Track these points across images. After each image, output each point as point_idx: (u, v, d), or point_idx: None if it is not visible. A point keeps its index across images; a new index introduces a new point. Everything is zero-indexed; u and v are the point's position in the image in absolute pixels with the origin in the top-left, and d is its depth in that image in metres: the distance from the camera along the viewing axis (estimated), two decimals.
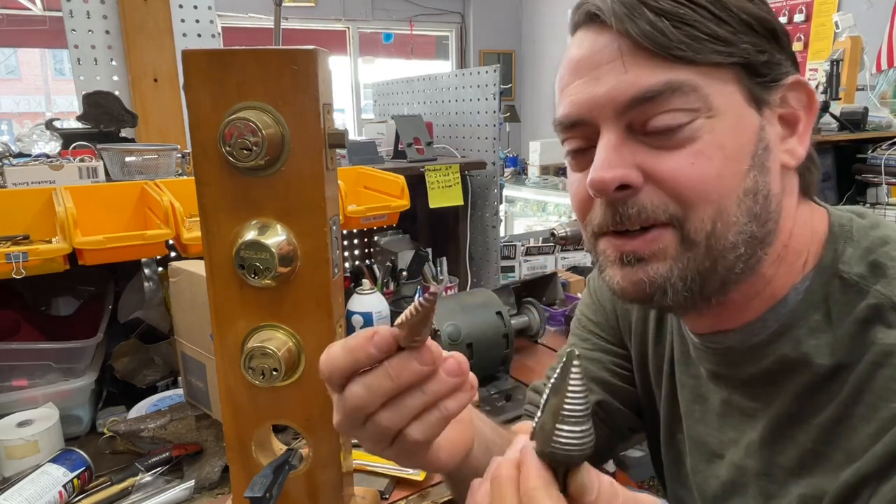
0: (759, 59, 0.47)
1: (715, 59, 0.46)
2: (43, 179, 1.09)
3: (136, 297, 1.21)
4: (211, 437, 0.91)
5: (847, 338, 0.48)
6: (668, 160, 0.47)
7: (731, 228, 0.47)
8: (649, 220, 0.48)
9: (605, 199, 0.49)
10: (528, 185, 4.18)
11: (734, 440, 0.58)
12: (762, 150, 0.48)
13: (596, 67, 0.48)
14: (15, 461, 0.87)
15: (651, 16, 0.45)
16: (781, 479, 0.53)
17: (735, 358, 0.55)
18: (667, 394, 0.68)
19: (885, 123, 2.33)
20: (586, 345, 0.77)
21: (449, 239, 1.76)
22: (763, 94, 0.48)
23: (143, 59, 1.61)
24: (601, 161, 0.48)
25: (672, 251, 0.48)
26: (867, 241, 0.50)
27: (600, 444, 0.72)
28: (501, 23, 6.38)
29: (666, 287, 0.49)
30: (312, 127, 0.54)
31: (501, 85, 1.65)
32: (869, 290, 0.48)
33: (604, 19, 0.47)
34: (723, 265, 0.48)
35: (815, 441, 0.49)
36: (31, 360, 0.98)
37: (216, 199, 0.57)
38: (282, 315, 0.59)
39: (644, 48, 0.46)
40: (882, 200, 2.15)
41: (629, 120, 0.48)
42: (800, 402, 0.51)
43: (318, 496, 0.65)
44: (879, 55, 3.30)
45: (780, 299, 0.52)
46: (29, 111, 8.53)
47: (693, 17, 0.45)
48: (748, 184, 0.47)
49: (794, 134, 0.51)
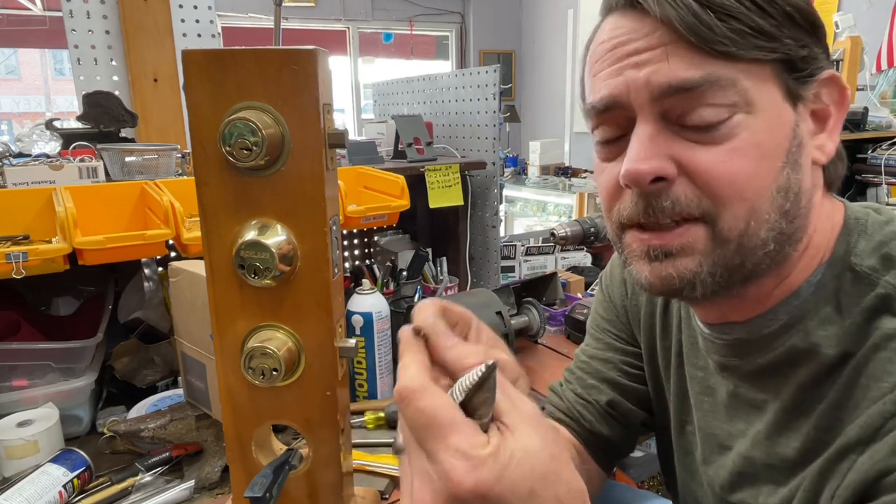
0: (800, 53, 0.46)
1: (757, 55, 0.45)
2: (43, 179, 1.09)
3: (136, 297, 1.21)
4: (211, 437, 0.91)
5: (854, 327, 0.48)
6: (704, 154, 0.46)
7: (762, 226, 0.47)
8: (682, 214, 0.47)
9: (637, 191, 0.48)
10: (528, 185, 4.19)
11: (742, 431, 0.58)
12: (796, 147, 0.48)
13: (636, 53, 0.47)
14: (15, 461, 0.87)
15: (696, 6, 0.44)
16: (787, 469, 0.53)
17: (744, 349, 0.55)
18: (676, 386, 0.68)
19: (885, 123, 2.33)
20: (599, 345, 0.79)
21: (449, 239, 1.76)
22: (799, 89, 0.48)
23: (143, 59, 1.61)
24: (637, 152, 0.47)
25: (701, 246, 0.48)
26: (881, 235, 0.50)
27: (616, 440, 0.74)
28: (501, 23, 6.38)
29: (695, 282, 0.49)
30: (312, 127, 0.54)
31: (501, 85, 1.65)
32: (879, 282, 0.48)
33: (645, 7, 0.46)
34: (751, 261, 0.48)
35: (817, 429, 0.50)
36: (31, 360, 0.98)
37: (216, 199, 0.57)
38: (282, 315, 0.59)
39: (686, 39, 0.44)
40: (882, 200, 2.15)
41: (665, 109, 0.47)
42: (805, 392, 0.51)
43: (318, 496, 0.65)
44: (879, 55, 3.30)
45: (793, 292, 0.52)
46: (29, 111, 8.54)
47: (738, 9, 0.44)
48: (781, 181, 0.47)
49: (824, 130, 0.51)
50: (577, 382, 0.78)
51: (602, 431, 0.74)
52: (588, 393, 0.76)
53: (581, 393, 0.77)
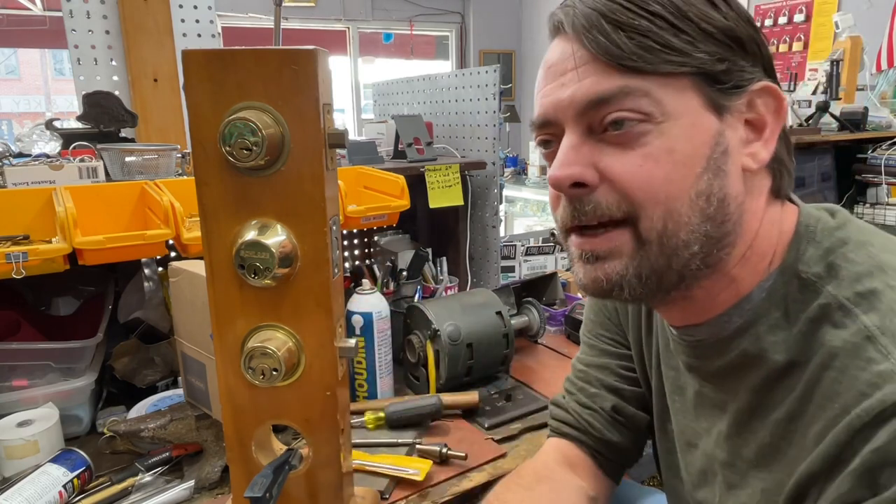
0: (718, 67, 0.49)
1: (666, 68, 0.48)
2: (43, 179, 1.09)
3: (136, 297, 1.21)
4: (211, 437, 0.91)
5: (800, 335, 0.49)
6: (620, 161, 0.49)
7: (682, 228, 0.49)
8: (604, 217, 0.51)
9: (566, 197, 0.53)
10: (528, 185, 4.18)
11: (707, 430, 0.60)
12: (719, 154, 0.50)
13: (562, 74, 0.52)
14: (15, 461, 0.87)
15: (608, 28, 0.48)
16: (743, 470, 0.55)
17: (705, 351, 0.57)
18: (657, 386, 0.70)
19: (885, 123, 2.33)
20: (593, 352, 0.80)
21: (449, 239, 1.76)
22: (724, 100, 0.50)
23: (143, 59, 1.61)
24: (559, 160, 0.52)
25: (627, 249, 0.51)
26: (828, 242, 0.51)
27: (626, 445, 0.75)
28: (501, 23, 6.38)
29: (622, 283, 0.51)
30: (312, 127, 0.54)
31: (501, 85, 1.65)
32: (822, 291, 0.49)
33: (566, 32, 0.51)
34: (677, 262, 0.51)
35: (773, 435, 0.51)
36: (31, 360, 0.98)
37: (216, 199, 0.57)
38: (282, 315, 0.59)
39: (600, 58, 0.49)
40: (882, 200, 2.15)
41: (589, 122, 0.51)
42: (758, 396, 0.53)
43: (318, 496, 0.65)
44: (879, 55, 3.30)
45: (745, 296, 0.53)
46: (29, 111, 8.54)
47: (648, 27, 0.47)
48: (701, 186, 0.49)
49: (759, 138, 0.52)
50: (580, 393, 0.79)
51: (612, 439, 0.75)
52: (592, 401, 0.77)
53: (585, 402, 0.77)
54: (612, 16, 0.48)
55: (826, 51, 3.50)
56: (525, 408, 1.05)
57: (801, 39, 4.19)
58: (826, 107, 2.15)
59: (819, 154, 2.18)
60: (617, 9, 0.48)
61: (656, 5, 0.48)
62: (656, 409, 0.71)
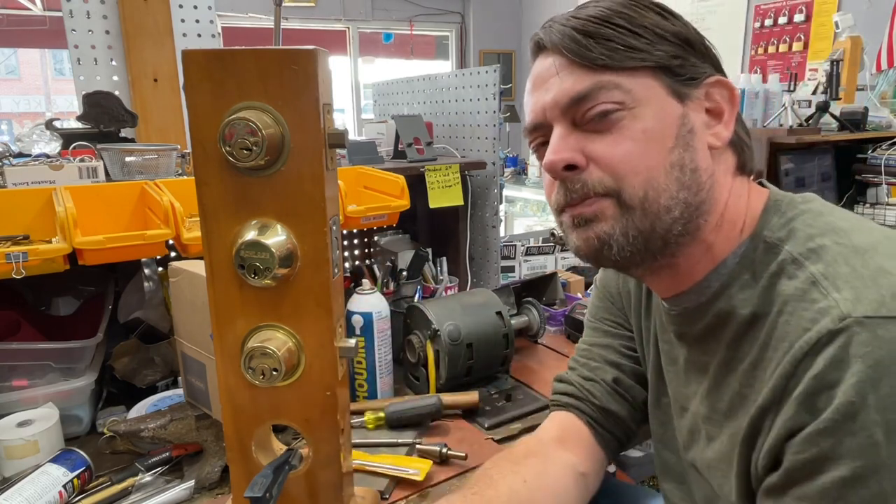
0: (674, 62, 0.58)
1: (631, 63, 0.57)
2: (43, 179, 1.09)
3: (136, 297, 1.21)
4: (211, 437, 0.91)
5: (762, 290, 0.56)
6: (603, 143, 0.58)
7: (662, 194, 0.57)
8: (590, 193, 0.58)
9: (559, 181, 0.60)
10: (528, 185, 4.18)
11: (695, 392, 0.66)
12: (686, 133, 0.58)
13: (546, 81, 0.61)
14: (15, 461, 0.87)
15: (579, 37, 0.57)
16: (719, 422, 0.61)
17: (689, 317, 0.64)
18: (653, 361, 0.76)
19: (885, 123, 2.32)
20: (597, 334, 0.86)
21: (449, 239, 1.76)
22: (683, 88, 0.58)
23: (143, 59, 1.61)
24: (551, 148, 0.60)
25: (610, 213, 0.58)
26: (792, 213, 0.59)
27: (624, 416, 0.80)
28: (501, 23, 6.38)
29: (611, 242, 0.58)
30: (312, 127, 0.54)
31: (501, 85, 1.65)
32: (782, 250, 0.56)
33: (545, 45, 0.61)
34: (661, 226, 0.57)
35: (741, 384, 0.57)
36: (31, 360, 0.98)
37: (216, 199, 0.57)
38: (282, 315, 0.59)
39: (575, 62, 0.58)
40: (882, 200, 2.15)
41: (572, 116, 0.59)
42: (730, 350, 0.59)
43: (318, 496, 0.65)
44: (879, 55, 3.30)
45: (721, 262, 0.60)
46: (29, 111, 8.54)
47: (612, 33, 0.57)
48: (674, 158, 0.57)
49: (720, 122, 0.61)
50: (583, 367, 0.85)
51: (611, 408, 0.80)
52: (594, 374, 0.83)
53: (588, 375, 0.83)
54: (583, 28, 0.58)
55: (826, 51, 3.50)
56: (525, 408, 1.05)
57: (801, 39, 4.18)
58: (826, 107, 2.14)
59: (819, 154, 2.18)
60: (586, 24, 0.58)
61: (619, 19, 0.58)
62: (651, 383, 0.77)
